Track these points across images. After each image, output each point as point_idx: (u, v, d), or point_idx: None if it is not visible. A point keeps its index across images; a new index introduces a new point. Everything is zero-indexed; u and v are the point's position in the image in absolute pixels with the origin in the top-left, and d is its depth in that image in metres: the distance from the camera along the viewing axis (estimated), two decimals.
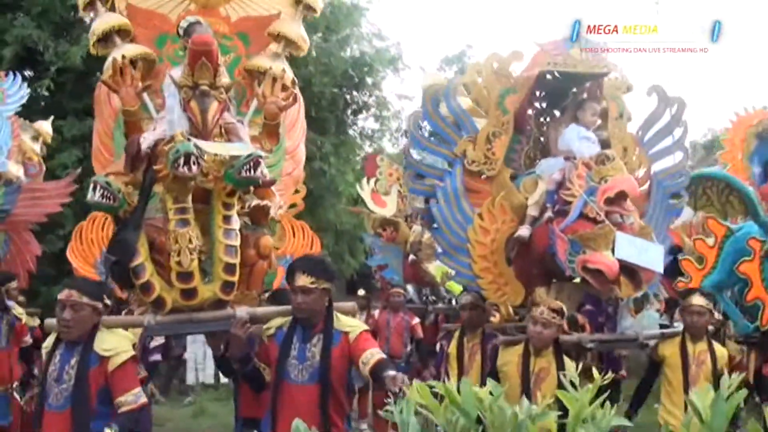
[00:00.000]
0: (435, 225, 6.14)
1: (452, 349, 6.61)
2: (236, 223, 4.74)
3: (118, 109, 5.10)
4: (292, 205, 9.53)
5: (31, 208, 8.00)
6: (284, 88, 5.33)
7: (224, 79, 4.78)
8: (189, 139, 4.40)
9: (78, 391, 4.18)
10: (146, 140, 4.69)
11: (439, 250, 6.34)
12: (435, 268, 9.39)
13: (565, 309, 5.46)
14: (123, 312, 5.45)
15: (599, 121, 6.38)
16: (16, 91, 8.24)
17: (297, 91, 5.38)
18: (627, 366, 7.89)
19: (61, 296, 4.26)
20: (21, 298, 8.29)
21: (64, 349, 4.31)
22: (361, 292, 11.13)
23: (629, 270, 5.65)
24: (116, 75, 4.87)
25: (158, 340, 6.85)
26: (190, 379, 12.45)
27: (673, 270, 6.55)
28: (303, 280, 4.36)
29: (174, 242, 4.49)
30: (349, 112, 17.18)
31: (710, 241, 6.51)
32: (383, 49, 16.88)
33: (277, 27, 5.40)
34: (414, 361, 9.75)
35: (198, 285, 4.59)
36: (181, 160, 4.25)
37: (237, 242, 4.68)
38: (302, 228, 9.89)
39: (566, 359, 5.33)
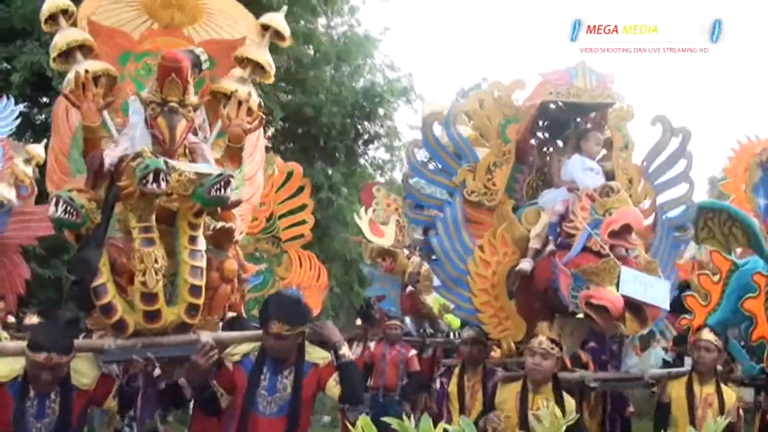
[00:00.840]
0: (434, 256, 5.98)
1: (452, 387, 6.41)
2: (202, 245, 4.59)
3: (76, 128, 4.96)
4: (299, 236, 9.48)
5: (21, 231, 7.91)
6: (249, 111, 5.20)
7: (193, 97, 4.66)
8: (156, 156, 4.27)
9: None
10: (109, 156, 4.53)
11: (438, 282, 6.16)
12: (433, 300, 9.19)
13: (564, 343, 5.28)
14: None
15: (604, 151, 6.22)
16: (9, 114, 8.16)
17: (261, 115, 5.23)
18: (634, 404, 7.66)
19: (39, 359, 4.05)
20: (11, 319, 8.19)
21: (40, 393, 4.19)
22: (358, 322, 10.95)
23: (634, 306, 5.45)
24: (78, 90, 4.70)
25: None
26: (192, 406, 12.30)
27: (679, 306, 6.34)
28: (278, 327, 4.24)
29: (139, 262, 4.31)
30: (360, 142, 17.15)
31: (716, 277, 6.31)
32: (395, 79, 16.87)
33: (243, 52, 5.28)
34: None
35: (162, 307, 4.41)
36: (150, 176, 4.10)
37: (203, 264, 4.53)
38: (309, 258, 9.82)
39: (567, 397, 5.12)
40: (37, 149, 8.54)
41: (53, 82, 12.40)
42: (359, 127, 16.56)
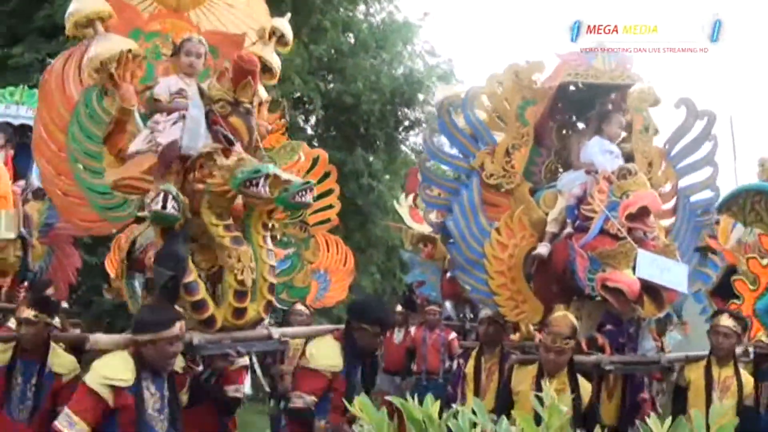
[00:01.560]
0: (450, 239, 5.96)
1: (469, 368, 6.41)
2: (271, 244, 4.74)
3: (77, 102, 4.86)
4: (326, 221, 9.53)
5: None
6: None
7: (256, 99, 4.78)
8: (263, 161, 4.58)
9: None
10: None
11: (455, 264, 6.15)
12: None
13: (580, 326, 5.24)
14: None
15: (624, 134, 6.14)
16: None
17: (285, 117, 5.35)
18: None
19: (174, 332, 4.12)
20: (64, 305, 8.43)
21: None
22: (398, 308, 10.98)
23: (652, 289, 5.40)
24: (121, 69, 4.71)
25: None
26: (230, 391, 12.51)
27: (727, 291, 6.24)
28: None
29: (237, 260, 4.44)
30: (400, 128, 17.16)
31: (765, 260, 6.18)
32: (435, 65, 16.82)
33: (258, 52, 5.29)
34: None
35: (248, 304, 4.58)
36: (261, 181, 4.28)
37: (275, 262, 4.72)
38: (336, 242, 9.87)
39: (582, 380, 5.09)
40: None
41: None
42: (399, 113, 16.55)
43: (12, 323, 7.34)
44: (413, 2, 31.87)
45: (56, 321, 7.53)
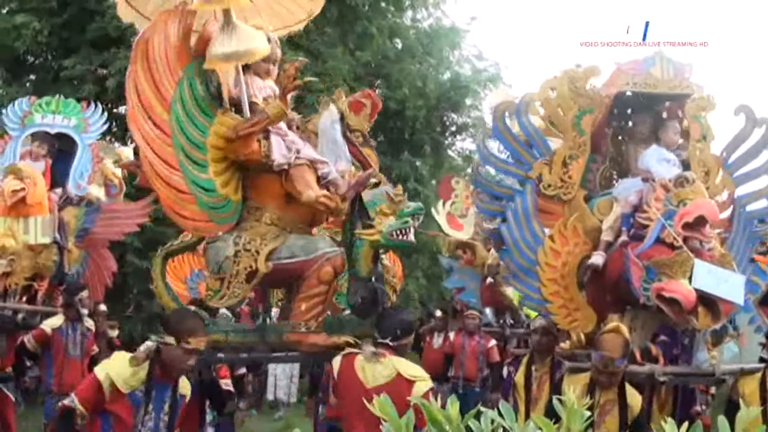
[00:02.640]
0: (504, 246, 5.95)
1: (519, 377, 6.38)
2: None
3: (180, 75, 4.65)
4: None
5: (109, 228, 8.56)
6: None
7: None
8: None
9: None
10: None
11: (509, 272, 6.13)
12: (513, 291, 9.14)
13: (634, 336, 5.20)
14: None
15: (681, 141, 6.08)
16: (97, 119, 8.76)
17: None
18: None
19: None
20: (103, 308, 8.60)
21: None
22: (438, 313, 10.99)
23: (707, 300, 5.32)
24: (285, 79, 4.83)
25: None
26: (271, 393, 12.72)
27: None
28: None
29: None
30: (447, 133, 17.17)
31: None
32: (482, 69, 16.80)
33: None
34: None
35: None
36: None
37: None
38: None
39: (632, 392, 5.03)
40: (126, 151, 9.01)
41: None
42: (445, 118, 16.56)
43: (46, 325, 7.55)
44: (461, 7, 31.88)
45: (90, 323, 7.75)
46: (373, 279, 5.08)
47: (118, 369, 4.22)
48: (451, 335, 10.08)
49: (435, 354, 10.52)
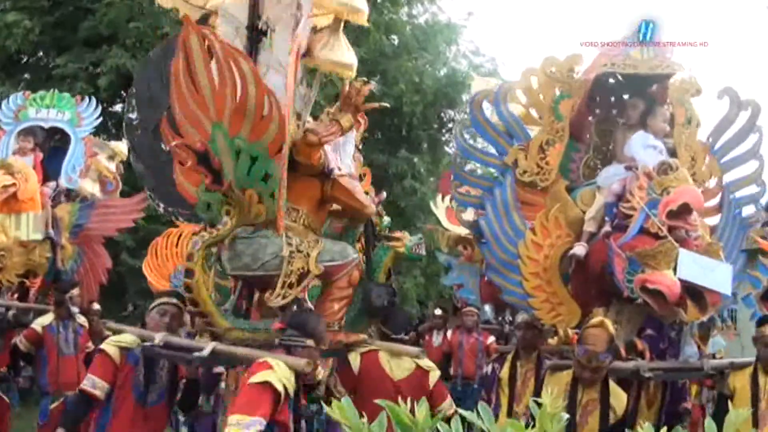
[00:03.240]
0: (483, 239, 5.74)
1: (504, 373, 6.15)
2: None
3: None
4: None
5: (104, 223, 8.48)
6: None
7: None
8: None
9: None
10: None
11: (488, 265, 5.92)
12: None
13: (619, 330, 4.97)
14: None
15: (668, 128, 5.86)
16: (91, 114, 8.70)
17: None
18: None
19: None
20: (96, 306, 8.46)
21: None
22: (438, 311, 10.79)
23: (694, 291, 5.11)
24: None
25: None
26: None
27: None
28: None
29: None
30: (444, 130, 16.99)
31: None
32: (479, 65, 16.62)
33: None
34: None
35: None
36: None
37: None
38: None
39: (617, 390, 4.79)
40: (121, 146, 8.93)
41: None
42: (443, 114, 16.39)
43: (37, 324, 7.42)
44: (457, 3, 31.73)
45: (82, 320, 7.62)
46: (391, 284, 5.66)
47: (286, 374, 4.06)
48: (449, 333, 9.88)
49: (435, 352, 10.33)
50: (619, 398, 4.77)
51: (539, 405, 1.93)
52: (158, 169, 5.02)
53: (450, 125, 16.85)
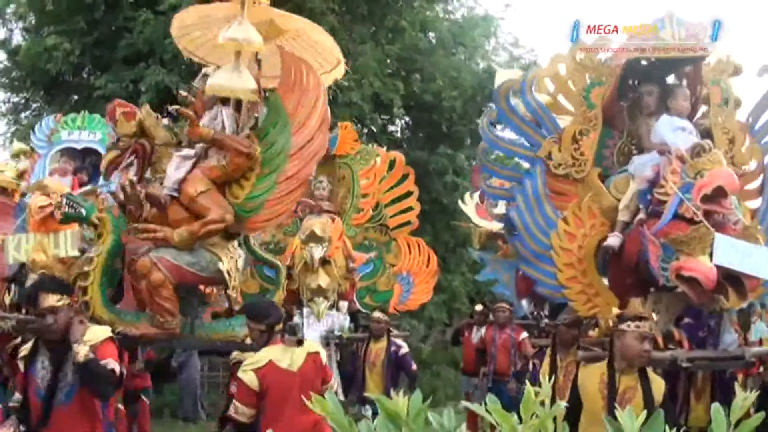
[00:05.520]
0: (515, 231, 5.64)
1: (545, 367, 6.04)
2: None
3: None
4: (407, 223, 9.38)
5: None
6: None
7: (124, 128, 5.58)
8: None
9: None
10: None
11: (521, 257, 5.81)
12: None
13: (656, 321, 4.83)
14: None
15: (703, 108, 5.69)
16: None
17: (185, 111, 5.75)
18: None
19: None
20: None
21: None
22: (478, 307, 10.68)
23: (733, 277, 4.95)
24: None
25: None
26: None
27: None
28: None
29: None
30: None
31: None
32: (518, 57, 16.48)
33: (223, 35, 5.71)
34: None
35: None
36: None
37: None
38: (418, 244, 9.69)
39: (654, 377, 4.66)
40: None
41: (178, 99, 12.92)
42: (483, 109, 16.22)
43: None
44: None
45: None
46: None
47: None
48: (483, 330, 9.78)
49: (470, 348, 10.28)
50: (657, 384, 4.64)
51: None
52: None
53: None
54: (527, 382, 5.56)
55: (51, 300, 4.35)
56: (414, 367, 8.19)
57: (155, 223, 5.51)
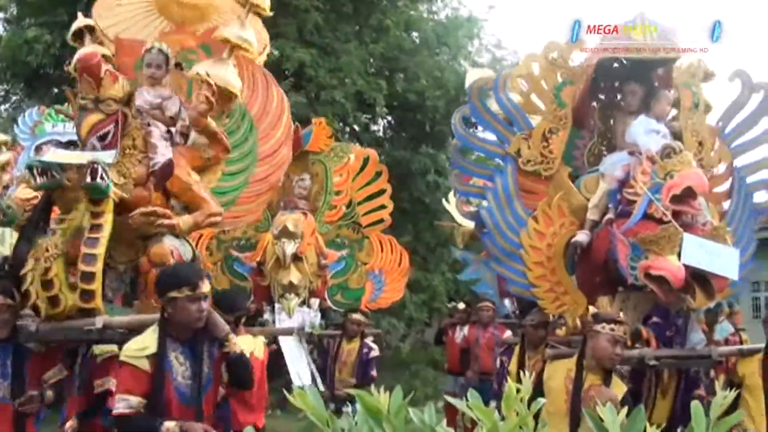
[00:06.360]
0: (485, 229, 5.65)
1: (513, 365, 6.08)
2: (103, 232, 4.52)
3: None
4: (379, 221, 9.37)
5: None
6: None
7: (112, 90, 4.77)
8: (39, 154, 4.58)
9: None
10: None
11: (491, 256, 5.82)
12: None
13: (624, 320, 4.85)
14: None
15: (674, 112, 5.73)
16: None
17: (207, 95, 5.17)
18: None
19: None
20: None
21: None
22: (461, 306, 10.69)
23: (700, 277, 4.97)
24: None
25: None
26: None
27: None
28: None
29: (35, 251, 4.44)
30: (467, 125, 16.83)
31: None
32: (501, 58, 16.52)
33: (220, 32, 5.35)
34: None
35: (59, 293, 4.45)
36: (30, 173, 4.36)
37: (99, 251, 4.47)
38: (390, 242, 9.67)
39: (617, 380, 4.66)
40: None
41: None
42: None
43: None
44: None
45: None
46: None
47: None
48: (466, 329, 9.78)
49: (455, 348, 10.27)
50: (618, 388, 4.65)
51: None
52: None
53: (473, 119, 16.72)
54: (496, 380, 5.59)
55: None
56: (374, 373, 8.06)
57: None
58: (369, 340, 8.23)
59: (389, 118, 16.37)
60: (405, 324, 15.94)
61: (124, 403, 3.71)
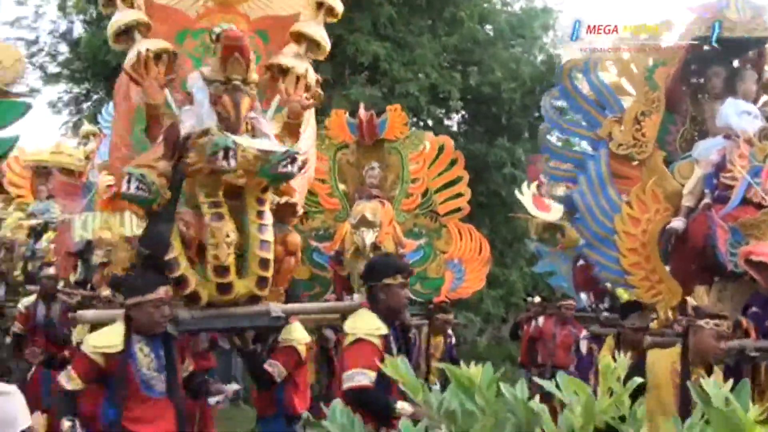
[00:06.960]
0: (576, 214, 5.55)
1: (606, 351, 5.96)
2: (269, 219, 4.71)
3: (136, 105, 5.01)
4: (457, 209, 9.27)
5: None
6: (307, 87, 5.16)
7: (254, 75, 4.78)
8: (225, 134, 4.41)
9: None
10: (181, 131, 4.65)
11: (582, 241, 5.72)
12: None
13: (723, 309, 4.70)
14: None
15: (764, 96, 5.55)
16: None
17: (319, 91, 5.22)
18: None
19: (159, 294, 4.29)
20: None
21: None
22: (537, 299, 10.57)
23: None
24: (141, 68, 4.83)
25: None
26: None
27: None
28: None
29: (211, 236, 4.49)
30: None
31: None
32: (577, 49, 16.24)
33: (299, 27, 5.27)
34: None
35: (234, 280, 4.57)
36: (220, 154, 4.27)
37: (271, 238, 4.66)
38: (470, 231, 9.55)
39: (717, 371, 4.53)
40: None
41: None
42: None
43: None
44: None
45: None
46: None
47: None
48: (541, 320, 9.65)
49: (528, 339, 10.20)
50: (718, 379, 4.51)
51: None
52: None
53: None
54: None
55: None
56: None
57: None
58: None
59: (463, 111, 16.25)
60: (482, 319, 15.85)
61: (364, 377, 4.15)
